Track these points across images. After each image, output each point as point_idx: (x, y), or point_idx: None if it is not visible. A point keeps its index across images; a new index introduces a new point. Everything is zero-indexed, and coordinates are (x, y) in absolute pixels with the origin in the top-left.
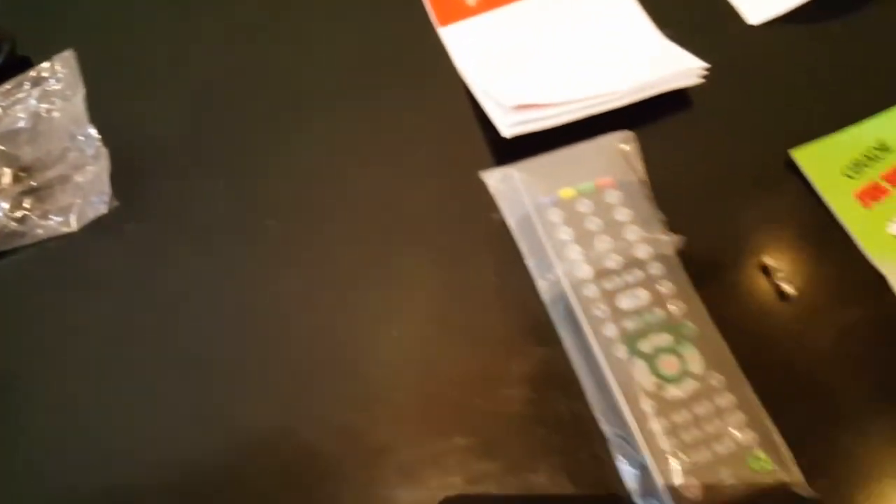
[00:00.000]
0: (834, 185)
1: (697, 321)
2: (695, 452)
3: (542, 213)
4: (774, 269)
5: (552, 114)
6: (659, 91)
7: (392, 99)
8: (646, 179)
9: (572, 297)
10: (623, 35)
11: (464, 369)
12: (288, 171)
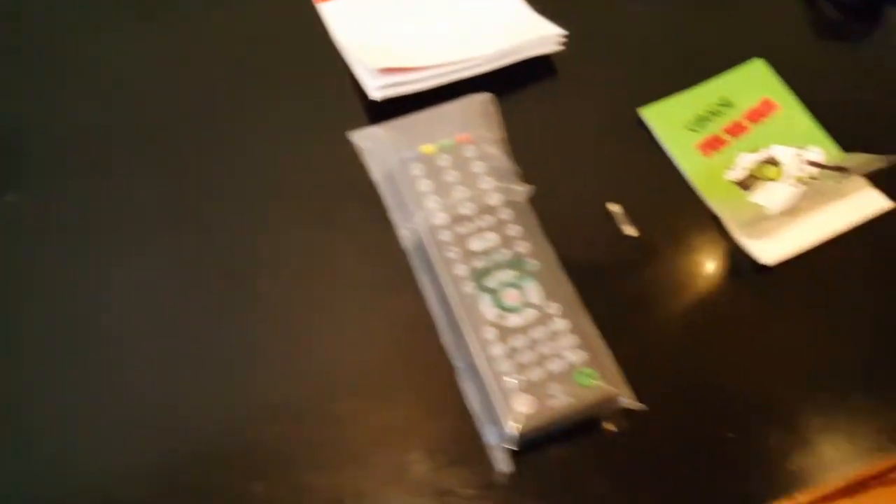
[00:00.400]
0: (678, 137)
1: (540, 258)
2: (530, 372)
3: (404, 167)
4: (618, 213)
5: (418, 77)
6: (520, 58)
7: (272, 70)
8: (504, 136)
9: (428, 241)
10: (489, 3)
11: (332, 316)
12: (173, 143)
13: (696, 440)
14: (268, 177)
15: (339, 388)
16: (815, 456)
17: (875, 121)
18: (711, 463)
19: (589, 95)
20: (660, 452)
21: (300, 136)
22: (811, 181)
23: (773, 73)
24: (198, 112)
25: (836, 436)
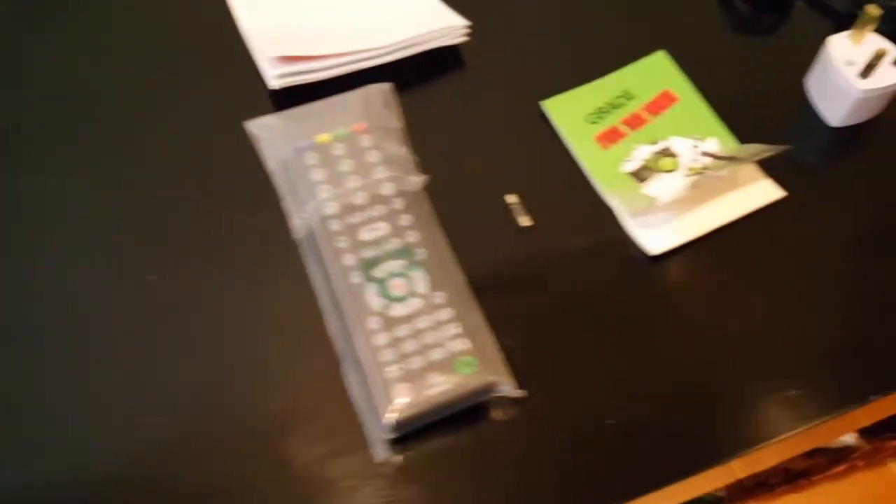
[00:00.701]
0: (577, 130)
1: (430, 248)
2: (411, 361)
3: (298, 157)
4: (515, 204)
5: (318, 67)
6: (423, 49)
7: (178, 58)
8: (402, 126)
9: (319, 231)
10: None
11: (220, 306)
12: (75, 132)
13: (579, 427)
14: (167, 166)
15: (223, 378)
16: (696, 442)
17: (773, 112)
18: (592, 449)
19: (493, 87)
20: (543, 439)
21: (201, 125)
22: (704, 172)
23: (674, 65)
24: (104, 102)
25: (722, 421)
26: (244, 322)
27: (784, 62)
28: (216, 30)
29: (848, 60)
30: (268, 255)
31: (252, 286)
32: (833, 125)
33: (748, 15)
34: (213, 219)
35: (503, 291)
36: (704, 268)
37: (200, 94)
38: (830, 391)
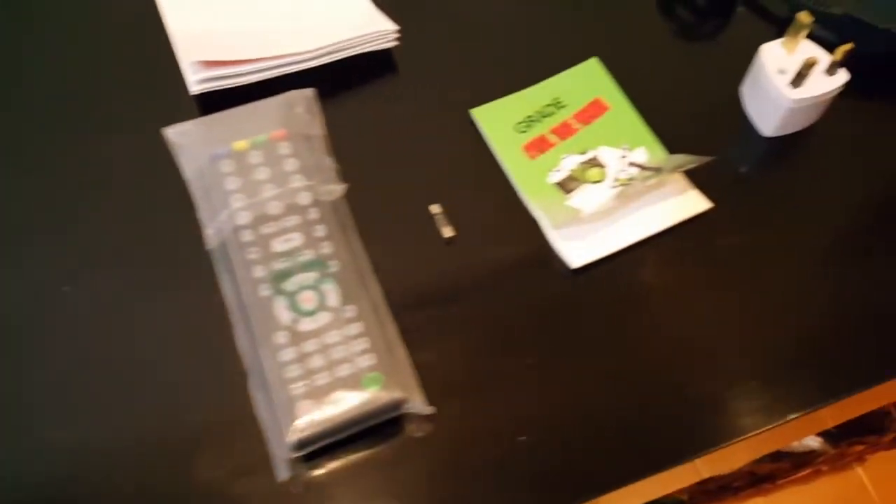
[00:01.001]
0: (506, 139)
1: (344, 260)
2: (317, 377)
3: (214, 164)
4: (438, 214)
5: (240, 71)
6: (350, 53)
7: (105, 61)
8: (324, 133)
9: (230, 242)
10: (335, 5)
11: (129, 317)
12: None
13: (498, 442)
14: (84, 173)
15: (131, 391)
16: (608, 460)
17: (708, 121)
18: (504, 466)
19: (423, 94)
20: (461, 455)
21: (123, 131)
22: (630, 183)
23: (606, 73)
24: (17, 104)
25: (635, 441)
26: (155, 334)
27: (721, 69)
28: (144, 32)
29: (780, 69)
30: (181, 267)
31: (165, 298)
32: (766, 135)
33: (688, 21)
34: (130, 229)
35: (423, 304)
36: (629, 279)
37: (124, 97)
38: (768, 396)
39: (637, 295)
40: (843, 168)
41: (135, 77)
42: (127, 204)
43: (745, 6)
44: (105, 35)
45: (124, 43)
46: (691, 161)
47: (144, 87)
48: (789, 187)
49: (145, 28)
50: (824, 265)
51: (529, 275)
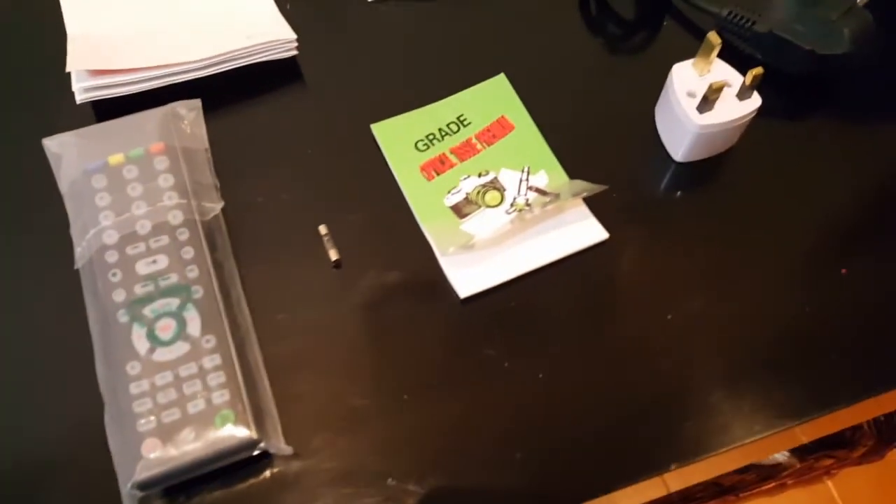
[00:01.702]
0: (404, 157)
1: (209, 285)
2: (168, 413)
3: (86, 179)
4: (326, 235)
5: (125, 80)
6: (244, 63)
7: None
8: (206, 147)
9: (96, 262)
10: (230, 2)
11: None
12: None
13: (364, 484)
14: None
15: None
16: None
17: (618, 144)
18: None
19: (322, 107)
20: (320, 498)
21: (6, 139)
22: (527, 209)
23: (512, 90)
24: None
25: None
26: (16, 358)
27: (639, 88)
28: (41, 30)
29: (689, 91)
30: (47, 287)
31: (30, 320)
32: (677, 160)
33: (612, 33)
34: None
35: (299, 333)
36: (517, 310)
37: (13, 102)
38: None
39: (530, 325)
40: (761, 194)
41: (23, 85)
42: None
43: (673, 19)
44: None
45: (14, 48)
46: (588, 189)
47: (34, 95)
48: (696, 215)
49: (45, 30)
50: (749, 290)
51: (417, 303)
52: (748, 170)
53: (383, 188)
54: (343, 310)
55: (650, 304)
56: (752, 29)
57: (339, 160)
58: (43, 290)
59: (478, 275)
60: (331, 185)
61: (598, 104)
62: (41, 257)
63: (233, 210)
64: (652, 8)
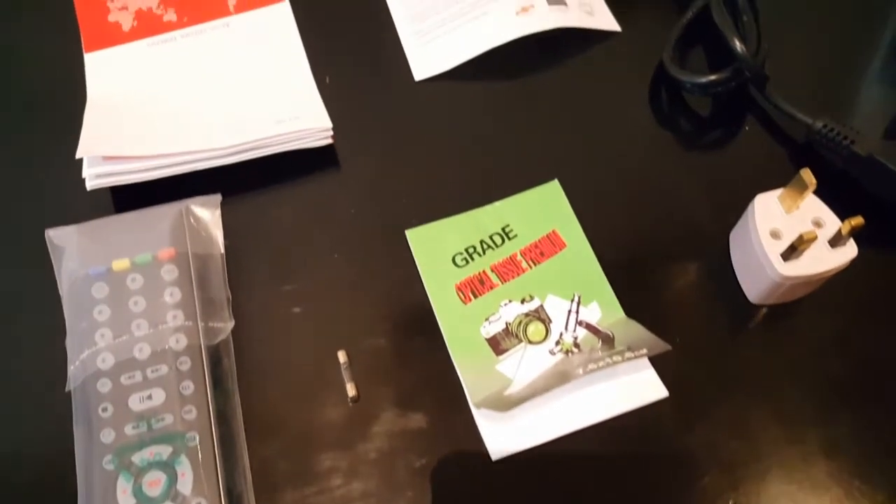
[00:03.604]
0: (439, 273)
1: (207, 432)
2: None
3: (88, 285)
4: (345, 364)
5: (144, 167)
6: (271, 152)
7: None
8: (220, 251)
9: (88, 390)
10: (265, 82)
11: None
12: None
13: None
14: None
15: None
16: None
17: (684, 274)
18: None
19: (355, 200)
20: None
21: (13, 223)
22: (574, 350)
23: (566, 200)
24: None
25: None
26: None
27: (712, 205)
28: (69, 101)
29: (773, 230)
30: (37, 407)
31: (12, 446)
32: (751, 301)
33: (684, 133)
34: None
35: (306, 483)
36: (559, 469)
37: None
38: None
39: (570, 491)
40: (847, 347)
41: (46, 154)
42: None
43: (757, 122)
44: (32, 104)
45: (50, 117)
46: (647, 344)
47: (52, 168)
48: (771, 369)
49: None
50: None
51: (442, 454)
52: (836, 316)
53: (414, 309)
54: (357, 456)
55: (714, 485)
56: (849, 148)
57: (368, 269)
58: (30, 412)
59: (514, 433)
60: (356, 299)
61: (661, 222)
62: (30, 370)
63: (244, 324)
64: (732, 108)
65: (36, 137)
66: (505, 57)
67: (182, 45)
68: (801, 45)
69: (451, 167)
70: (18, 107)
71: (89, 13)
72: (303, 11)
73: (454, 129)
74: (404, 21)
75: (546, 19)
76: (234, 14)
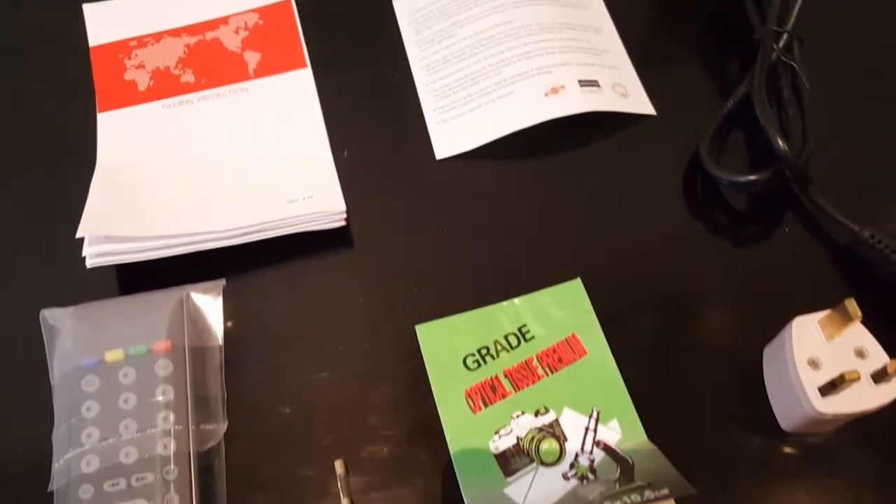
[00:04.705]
0: (448, 376)
1: None
2: None
3: (79, 377)
4: (342, 475)
5: (146, 247)
6: (283, 233)
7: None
8: (219, 344)
9: (69, 495)
10: (281, 153)
11: None
12: None
13: None
14: None
15: None
16: None
17: (699, 390)
18: None
19: (365, 287)
20: None
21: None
22: (589, 477)
23: (588, 302)
24: None
25: None
26: None
27: (743, 315)
28: (77, 163)
29: (812, 358)
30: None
31: None
32: (784, 428)
33: (716, 228)
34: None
35: None
36: None
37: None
38: None
39: None
40: (884, 483)
41: (50, 226)
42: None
43: (800, 223)
44: (41, 168)
45: (52, 182)
46: (669, 483)
47: (54, 242)
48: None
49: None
50: None
51: None
52: (878, 452)
53: (418, 414)
54: None
55: None
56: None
57: (373, 367)
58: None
59: None
60: (358, 400)
61: (690, 331)
62: (11, 463)
63: (237, 422)
64: (773, 203)
65: (41, 202)
66: (531, 136)
67: (198, 107)
68: (850, 143)
69: (469, 255)
70: (27, 168)
71: (106, 70)
72: (324, 78)
73: (474, 214)
74: (428, 95)
75: (577, 102)
76: (254, 79)
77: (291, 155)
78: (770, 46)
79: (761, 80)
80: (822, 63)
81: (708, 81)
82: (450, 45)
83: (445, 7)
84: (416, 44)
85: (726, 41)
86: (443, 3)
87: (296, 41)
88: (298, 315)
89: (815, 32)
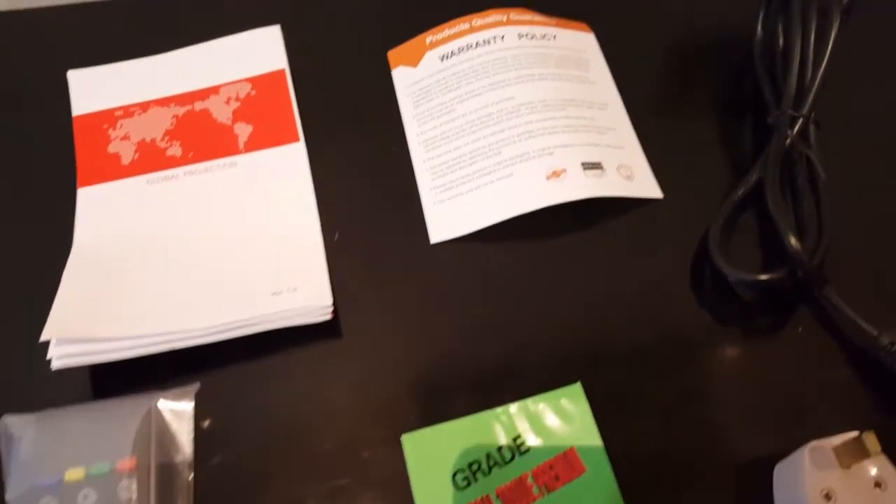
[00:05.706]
0: (435, 495)
1: None
2: None
3: (36, 498)
4: None
5: (115, 347)
6: (263, 329)
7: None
8: (189, 460)
9: None
10: (268, 236)
11: None
12: None
13: None
14: None
15: None
16: None
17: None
18: None
19: (354, 390)
20: None
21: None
22: None
23: (589, 411)
24: None
25: None
26: None
27: (759, 423)
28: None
29: (826, 490)
30: None
31: None
32: None
33: (732, 323)
34: None
35: None
36: None
37: None
38: None
39: None
40: None
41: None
42: None
43: (814, 319)
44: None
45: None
46: None
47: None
48: None
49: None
50: None
51: None
52: None
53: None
54: None
55: None
56: None
57: (352, 484)
58: None
59: None
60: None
61: (696, 445)
62: None
63: None
64: (786, 299)
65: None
66: (529, 219)
67: (184, 183)
68: (870, 233)
69: (461, 351)
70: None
71: (88, 141)
72: (318, 151)
73: (468, 305)
74: (425, 173)
75: (579, 187)
76: (244, 153)
77: (280, 235)
78: (784, 133)
79: (775, 168)
80: (840, 146)
81: (720, 161)
82: (449, 121)
83: (446, 80)
84: (415, 118)
85: (741, 118)
86: (443, 76)
87: (289, 113)
88: (274, 419)
89: (832, 113)
